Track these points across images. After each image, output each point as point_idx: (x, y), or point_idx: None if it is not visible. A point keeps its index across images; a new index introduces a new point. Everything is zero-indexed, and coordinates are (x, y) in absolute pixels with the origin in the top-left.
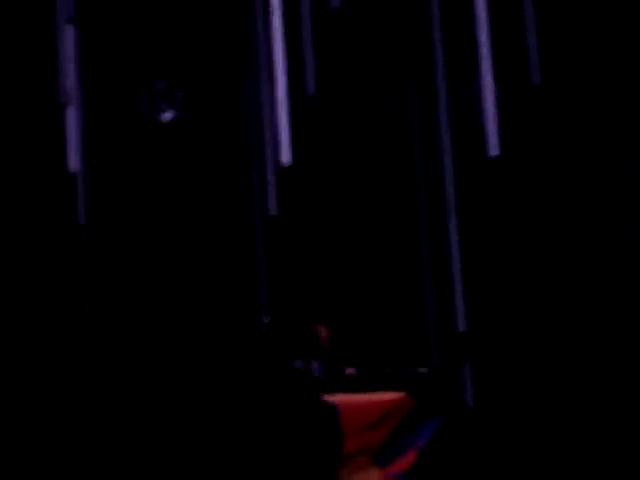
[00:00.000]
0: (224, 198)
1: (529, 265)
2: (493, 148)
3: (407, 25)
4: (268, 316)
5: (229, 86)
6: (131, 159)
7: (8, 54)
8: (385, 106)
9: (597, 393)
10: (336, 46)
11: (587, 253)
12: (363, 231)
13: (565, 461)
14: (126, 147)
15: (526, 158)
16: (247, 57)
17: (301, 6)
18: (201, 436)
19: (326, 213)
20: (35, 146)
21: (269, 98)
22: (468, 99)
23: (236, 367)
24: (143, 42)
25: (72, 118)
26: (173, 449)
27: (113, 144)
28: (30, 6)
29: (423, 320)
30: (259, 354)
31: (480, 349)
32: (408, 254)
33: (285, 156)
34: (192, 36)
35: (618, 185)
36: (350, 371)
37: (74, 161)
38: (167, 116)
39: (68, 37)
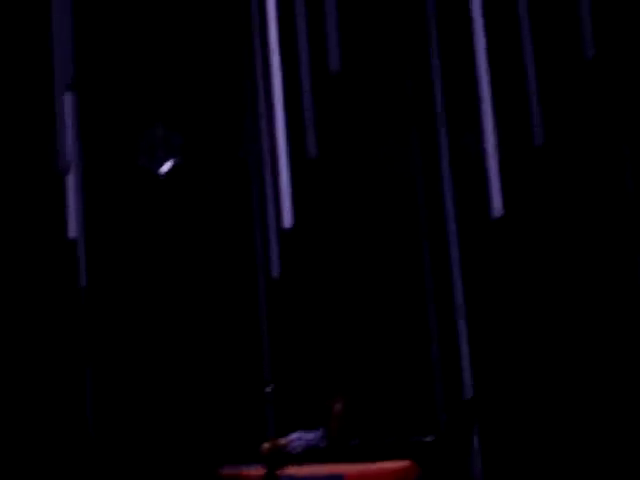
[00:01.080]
0: (227, 261)
1: (536, 328)
2: (497, 209)
3: (407, 84)
4: (271, 386)
5: (232, 150)
6: (132, 224)
7: (8, 122)
8: (386, 167)
9: (607, 454)
10: (335, 107)
11: (595, 310)
12: (367, 294)
13: None
14: (127, 211)
15: (529, 217)
16: (248, 123)
17: (301, 69)
18: None
19: (330, 274)
20: (35, 213)
21: (270, 162)
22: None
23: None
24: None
25: (72, 185)
26: None
27: (112, 208)
28: (29, 74)
29: (430, 388)
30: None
31: (488, 416)
32: (414, 320)
33: (287, 219)
34: (192, 106)
35: (619, 244)
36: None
37: (74, 227)
38: (165, 168)
39: (67, 104)
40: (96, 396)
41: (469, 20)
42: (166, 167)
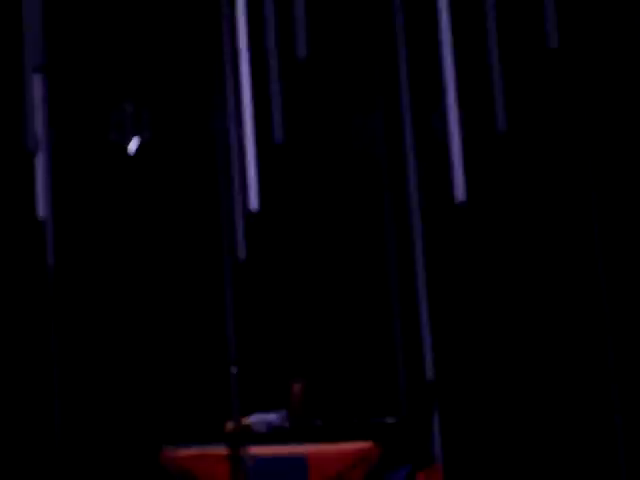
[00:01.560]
0: (193, 243)
1: (497, 313)
2: (460, 194)
3: (373, 70)
4: (236, 367)
5: (198, 134)
6: (99, 202)
7: None
8: (351, 153)
9: (571, 440)
10: (303, 92)
11: (555, 299)
12: (331, 278)
13: None
14: (94, 190)
15: (491, 203)
16: (215, 107)
17: (268, 54)
18: None
19: (295, 258)
20: (4, 193)
21: (237, 146)
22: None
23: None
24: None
25: (41, 164)
26: None
27: (81, 188)
28: None
29: (392, 370)
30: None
31: (449, 399)
32: (377, 303)
33: (253, 202)
34: (162, 84)
35: (584, 230)
36: (317, 423)
37: (43, 207)
38: (133, 146)
39: (36, 85)
40: (62, 375)
41: (435, 4)
42: (134, 145)
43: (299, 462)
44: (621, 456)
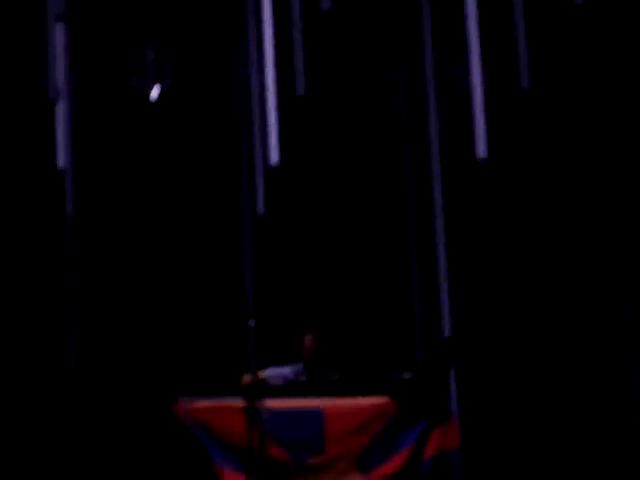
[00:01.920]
0: (212, 197)
1: (516, 270)
2: (481, 151)
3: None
4: (254, 320)
5: (219, 83)
6: (119, 155)
7: None
8: (372, 108)
9: (584, 399)
10: (325, 46)
11: (574, 257)
12: (350, 232)
13: (552, 467)
14: (114, 143)
15: (514, 161)
16: (237, 56)
17: (291, 7)
18: None
19: (314, 213)
20: (24, 142)
21: (258, 99)
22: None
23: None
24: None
25: (61, 114)
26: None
27: (102, 139)
28: (20, 4)
29: (409, 325)
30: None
31: (465, 354)
32: (394, 259)
33: (273, 156)
34: (184, 31)
35: (606, 190)
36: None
37: (63, 157)
38: (155, 93)
39: (58, 34)
40: (80, 326)
41: None
42: (156, 91)
43: (315, 415)
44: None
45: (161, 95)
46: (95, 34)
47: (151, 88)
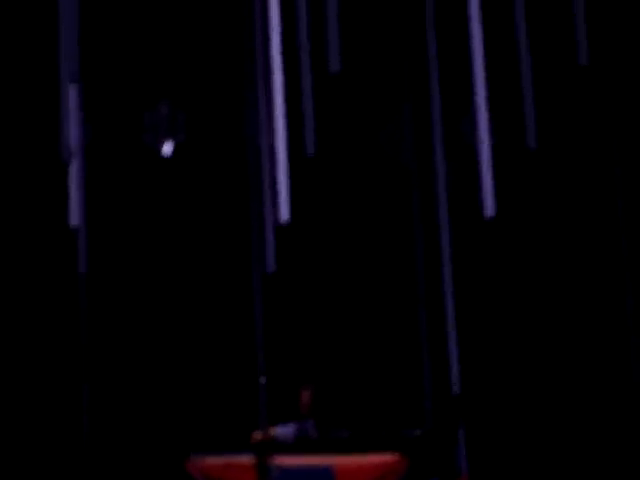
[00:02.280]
0: (223, 254)
1: (524, 328)
2: (489, 209)
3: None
4: (264, 377)
5: (230, 147)
6: (131, 213)
7: (12, 111)
8: (382, 167)
9: (599, 457)
10: (334, 106)
11: (582, 315)
12: (360, 289)
13: None
14: (126, 201)
15: (521, 220)
16: (248, 119)
17: (301, 68)
18: None
19: (324, 270)
20: (38, 201)
21: (269, 158)
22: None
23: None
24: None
25: (74, 173)
26: None
27: (114, 197)
28: (34, 64)
29: (418, 383)
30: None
31: (475, 412)
32: (404, 316)
33: (284, 214)
34: (194, 95)
35: (613, 247)
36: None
37: (76, 216)
38: (168, 149)
39: (71, 95)
40: (91, 383)
41: (466, 14)
42: (169, 147)
43: (326, 472)
44: None
45: (173, 152)
46: (107, 91)
47: (164, 143)
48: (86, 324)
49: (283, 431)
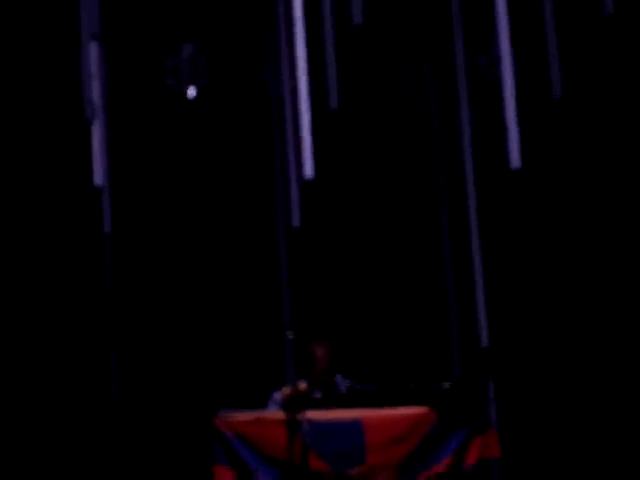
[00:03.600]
0: (247, 210)
1: (552, 280)
2: (515, 161)
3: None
4: (292, 332)
5: (253, 101)
6: (154, 172)
7: (33, 70)
8: (406, 121)
9: (621, 411)
10: (358, 60)
11: (611, 263)
12: (386, 244)
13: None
14: (149, 160)
15: (547, 171)
16: (270, 74)
17: (324, 21)
18: None
19: (349, 225)
20: (61, 160)
21: (292, 112)
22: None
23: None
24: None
25: (97, 133)
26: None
27: (137, 157)
28: (55, 22)
29: (446, 335)
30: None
31: (503, 364)
32: (431, 269)
33: (308, 170)
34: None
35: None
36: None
37: (99, 175)
38: (192, 92)
39: (93, 53)
40: (119, 342)
41: None
42: (193, 91)
43: (355, 426)
44: None
45: (196, 103)
46: (129, 40)
47: (187, 88)
48: (112, 282)
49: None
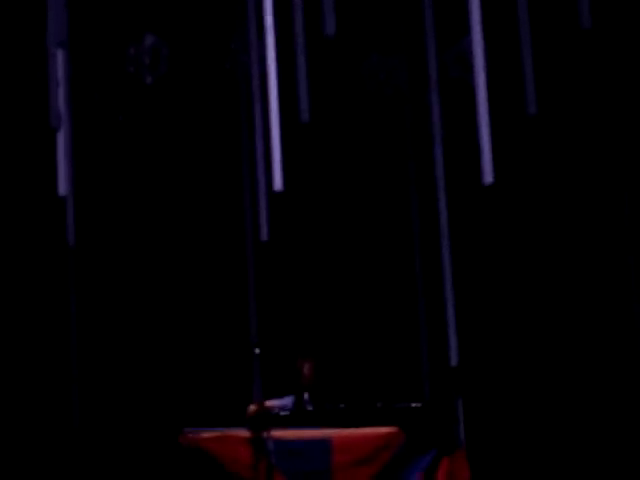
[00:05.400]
0: (216, 223)
1: (523, 299)
2: (487, 176)
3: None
4: (258, 348)
5: (223, 115)
6: (120, 183)
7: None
8: (377, 136)
9: (593, 429)
10: (330, 72)
11: (583, 281)
12: (355, 260)
13: None
14: (117, 172)
15: (520, 186)
16: (240, 88)
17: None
18: None
19: (318, 240)
20: (25, 170)
21: (262, 125)
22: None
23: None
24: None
25: (62, 141)
26: None
27: (102, 166)
28: (21, 30)
29: (416, 354)
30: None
31: (473, 383)
32: (401, 287)
33: (277, 182)
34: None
35: (613, 212)
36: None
37: (63, 185)
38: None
39: (59, 60)
40: (81, 356)
41: None
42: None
43: (323, 445)
44: None
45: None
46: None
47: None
48: (75, 293)
49: (279, 404)
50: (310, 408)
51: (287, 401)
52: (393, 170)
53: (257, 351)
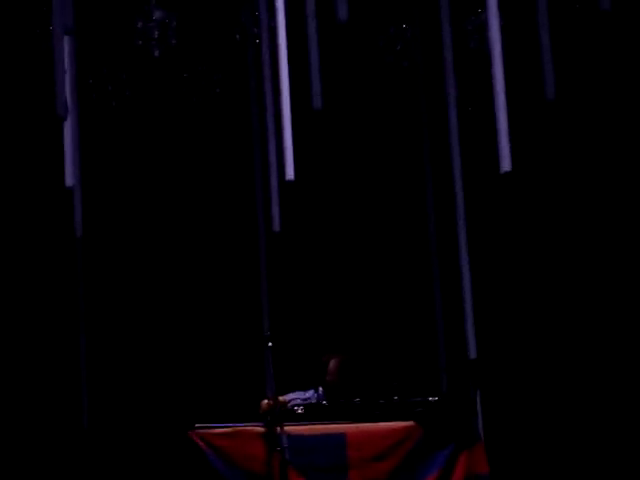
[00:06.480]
0: (228, 215)
1: (541, 290)
2: (506, 165)
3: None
4: (271, 341)
5: (235, 104)
6: (131, 173)
7: (5, 67)
8: (391, 125)
9: (613, 422)
10: (342, 59)
11: (601, 273)
12: (371, 252)
13: None
14: (124, 162)
15: (538, 174)
16: (252, 75)
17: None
18: None
19: (331, 230)
20: (32, 160)
21: (273, 114)
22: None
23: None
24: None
25: (69, 132)
26: None
27: (110, 156)
28: (27, 18)
29: (433, 347)
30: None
31: (491, 376)
32: (418, 280)
33: (289, 172)
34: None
35: (632, 200)
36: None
37: (70, 175)
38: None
39: (65, 48)
40: (91, 349)
41: None
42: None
43: (338, 440)
44: None
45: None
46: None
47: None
48: (84, 286)
49: (302, 397)
50: (325, 403)
51: (307, 395)
52: (408, 159)
53: (269, 344)
